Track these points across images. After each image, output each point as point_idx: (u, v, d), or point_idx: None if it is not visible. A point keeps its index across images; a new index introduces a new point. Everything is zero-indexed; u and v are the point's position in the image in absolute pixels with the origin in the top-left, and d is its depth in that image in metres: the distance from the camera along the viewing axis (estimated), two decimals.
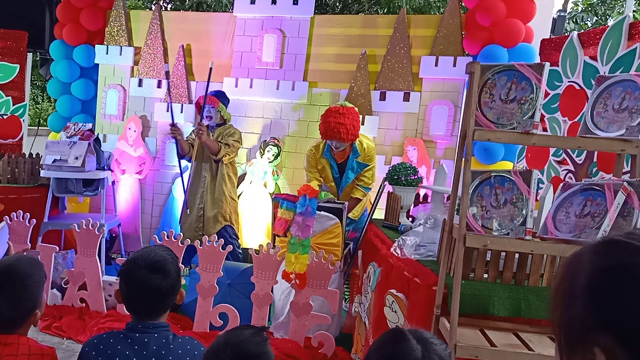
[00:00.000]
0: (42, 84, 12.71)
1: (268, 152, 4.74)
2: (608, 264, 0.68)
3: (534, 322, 2.05)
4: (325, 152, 3.93)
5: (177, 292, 1.65)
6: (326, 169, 3.95)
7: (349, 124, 3.67)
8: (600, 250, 0.71)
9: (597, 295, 0.68)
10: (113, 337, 1.59)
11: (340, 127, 3.64)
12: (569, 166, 3.51)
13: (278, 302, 3.56)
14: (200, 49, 5.12)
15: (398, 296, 2.33)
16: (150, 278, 1.56)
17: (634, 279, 0.65)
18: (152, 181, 5.23)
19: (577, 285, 0.70)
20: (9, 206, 4.16)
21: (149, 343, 1.57)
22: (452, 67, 4.43)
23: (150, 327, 1.60)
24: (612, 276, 0.67)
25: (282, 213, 3.42)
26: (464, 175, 1.95)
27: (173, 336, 1.61)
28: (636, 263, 0.66)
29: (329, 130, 3.70)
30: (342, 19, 5.09)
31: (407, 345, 1.11)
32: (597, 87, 2.03)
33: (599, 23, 11.26)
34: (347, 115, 3.69)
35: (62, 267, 4.03)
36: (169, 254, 1.65)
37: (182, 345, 1.60)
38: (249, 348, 1.34)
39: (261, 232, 4.77)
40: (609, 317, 0.66)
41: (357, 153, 3.88)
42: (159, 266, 1.59)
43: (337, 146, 3.82)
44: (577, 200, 1.84)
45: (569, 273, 0.73)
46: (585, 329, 0.68)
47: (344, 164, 3.91)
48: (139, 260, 1.60)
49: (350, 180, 3.92)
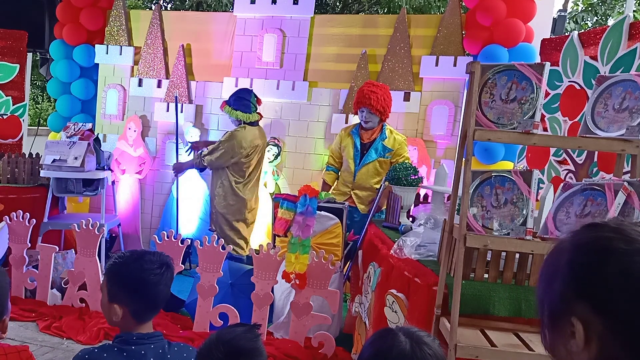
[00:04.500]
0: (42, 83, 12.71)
1: (268, 152, 4.74)
2: (585, 240, 0.75)
3: (534, 322, 2.04)
4: (353, 130, 3.99)
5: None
6: (348, 147, 3.96)
7: (380, 93, 3.79)
8: (579, 232, 0.78)
9: (575, 268, 0.74)
10: (106, 351, 1.50)
11: (372, 94, 3.76)
12: (569, 166, 3.51)
13: (278, 302, 3.56)
14: (200, 49, 5.12)
15: (398, 296, 2.33)
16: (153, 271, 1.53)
17: (607, 251, 0.71)
18: (152, 181, 5.23)
19: (558, 264, 0.77)
20: (9, 206, 4.15)
21: (146, 355, 1.49)
22: (452, 67, 4.43)
23: (145, 337, 1.52)
24: (587, 249, 0.74)
25: (283, 213, 3.42)
26: (464, 175, 1.95)
27: (168, 344, 1.56)
28: (609, 237, 0.72)
29: (362, 96, 3.80)
30: (343, 18, 5.09)
31: (395, 339, 1.16)
32: (597, 87, 2.02)
33: (599, 23, 11.26)
34: (380, 87, 3.85)
35: (62, 267, 4.03)
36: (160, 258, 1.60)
37: (179, 353, 1.56)
38: (240, 344, 1.35)
39: (261, 232, 4.77)
40: (584, 287, 0.72)
41: (384, 136, 3.89)
42: (162, 261, 1.56)
43: (367, 120, 3.84)
44: (577, 200, 1.84)
45: (551, 256, 0.80)
46: (565, 301, 0.74)
47: (369, 145, 3.91)
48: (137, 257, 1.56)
49: (372, 160, 3.87)
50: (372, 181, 3.90)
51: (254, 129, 4.19)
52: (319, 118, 4.82)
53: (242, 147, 4.09)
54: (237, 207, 4.22)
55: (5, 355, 1.51)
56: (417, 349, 1.14)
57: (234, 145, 4.08)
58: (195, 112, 5.09)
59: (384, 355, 1.15)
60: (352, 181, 3.93)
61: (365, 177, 3.91)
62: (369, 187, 3.90)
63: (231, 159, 4.11)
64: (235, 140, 4.09)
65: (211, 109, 5.08)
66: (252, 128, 4.18)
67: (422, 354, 1.13)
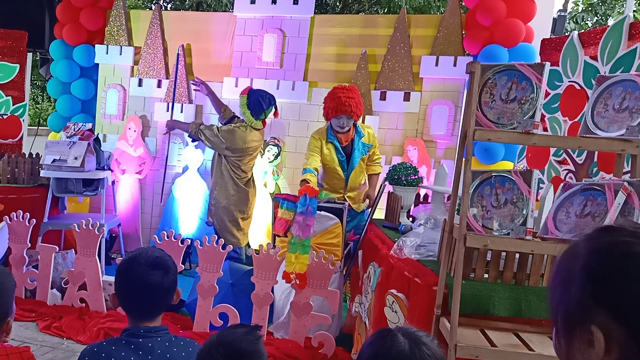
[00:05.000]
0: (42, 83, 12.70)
1: (268, 152, 4.74)
2: (602, 244, 0.72)
3: (534, 322, 2.04)
4: (329, 137, 3.90)
5: (175, 289, 1.64)
6: (332, 153, 3.89)
7: (357, 98, 3.77)
8: (594, 236, 0.74)
9: (593, 274, 0.71)
10: (114, 344, 1.53)
11: (350, 100, 3.71)
12: (569, 166, 3.51)
13: (278, 302, 3.56)
14: (200, 49, 5.12)
15: (398, 296, 2.33)
16: (151, 274, 1.55)
17: (626, 256, 0.68)
18: (152, 181, 5.23)
19: (573, 269, 0.73)
20: (9, 206, 4.15)
21: (153, 347, 1.52)
22: (452, 67, 4.43)
23: (152, 330, 1.55)
24: (605, 255, 0.70)
25: (283, 213, 3.42)
26: (464, 175, 1.95)
27: (175, 338, 1.59)
28: (627, 242, 0.69)
29: (340, 104, 3.72)
30: (342, 18, 5.09)
31: (394, 339, 1.16)
32: (597, 87, 2.02)
33: (599, 23, 11.26)
34: (354, 91, 3.81)
35: (62, 267, 4.03)
36: (165, 253, 1.65)
37: (185, 347, 1.58)
38: (241, 346, 1.34)
39: (261, 232, 4.77)
40: (604, 294, 0.69)
41: (361, 134, 3.88)
42: (159, 262, 1.58)
43: (343, 125, 3.79)
44: (577, 200, 1.84)
45: (565, 260, 0.76)
46: (583, 308, 0.71)
47: (349, 147, 3.89)
48: (138, 258, 1.58)
49: (358, 161, 3.88)
50: (360, 180, 3.95)
51: (255, 132, 4.21)
52: (319, 118, 4.81)
53: (236, 145, 4.12)
54: (238, 197, 4.25)
55: (7, 356, 1.51)
56: (416, 349, 1.14)
57: (229, 139, 4.11)
58: (195, 112, 5.09)
59: (383, 355, 1.15)
60: (344, 187, 3.92)
61: (355, 178, 3.93)
62: (358, 185, 3.95)
63: (225, 149, 4.15)
64: (235, 135, 4.12)
65: (211, 109, 5.07)
66: (253, 131, 4.20)
67: (421, 355, 1.13)
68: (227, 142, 4.11)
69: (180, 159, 5.14)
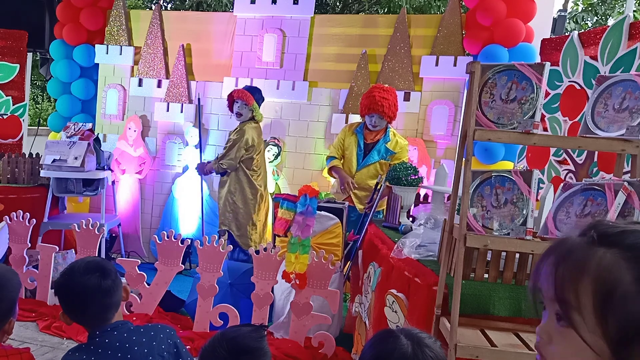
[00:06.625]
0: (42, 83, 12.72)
1: (268, 152, 4.74)
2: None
3: (534, 322, 2.04)
4: (357, 130, 3.99)
5: (119, 287, 1.66)
6: (351, 146, 3.98)
7: (391, 99, 3.82)
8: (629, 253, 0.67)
9: None
10: (77, 350, 1.60)
11: (384, 101, 3.77)
12: (569, 166, 3.51)
13: (278, 302, 3.56)
14: (200, 49, 5.12)
15: (398, 296, 2.33)
16: (88, 279, 1.57)
17: None
18: (152, 181, 5.23)
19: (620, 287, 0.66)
20: (9, 206, 4.15)
21: (110, 342, 1.58)
22: (452, 67, 4.43)
23: (108, 328, 1.60)
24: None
25: (283, 213, 3.42)
26: (464, 175, 1.94)
27: (134, 327, 1.63)
28: None
29: (373, 103, 3.78)
30: (343, 18, 5.09)
31: (397, 341, 1.15)
32: (597, 87, 2.02)
33: (599, 23, 11.27)
34: (390, 93, 3.86)
35: (62, 267, 4.02)
36: (100, 258, 1.70)
37: (145, 333, 1.62)
38: (245, 342, 1.35)
39: None
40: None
41: (388, 139, 3.92)
42: (92, 266, 1.61)
43: (376, 124, 3.85)
44: (577, 200, 1.84)
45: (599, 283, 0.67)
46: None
47: (372, 146, 3.93)
48: (71, 269, 1.62)
49: (373, 161, 3.91)
50: (371, 182, 3.90)
51: (258, 127, 4.38)
52: (319, 118, 4.82)
53: (248, 136, 4.25)
54: (255, 200, 4.35)
55: (7, 357, 1.52)
56: (419, 351, 1.13)
57: (247, 140, 4.24)
58: (195, 112, 5.09)
59: (385, 358, 1.14)
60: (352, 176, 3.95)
61: (364, 177, 3.91)
62: (368, 187, 3.90)
63: (246, 152, 4.26)
64: (247, 134, 4.25)
65: (211, 109, 5.09)
66: (256, 126, 4.36)
67: (424, 357, 1.12)
68: (245, 143, 4.23)
69: (180, 159, 5.14)
